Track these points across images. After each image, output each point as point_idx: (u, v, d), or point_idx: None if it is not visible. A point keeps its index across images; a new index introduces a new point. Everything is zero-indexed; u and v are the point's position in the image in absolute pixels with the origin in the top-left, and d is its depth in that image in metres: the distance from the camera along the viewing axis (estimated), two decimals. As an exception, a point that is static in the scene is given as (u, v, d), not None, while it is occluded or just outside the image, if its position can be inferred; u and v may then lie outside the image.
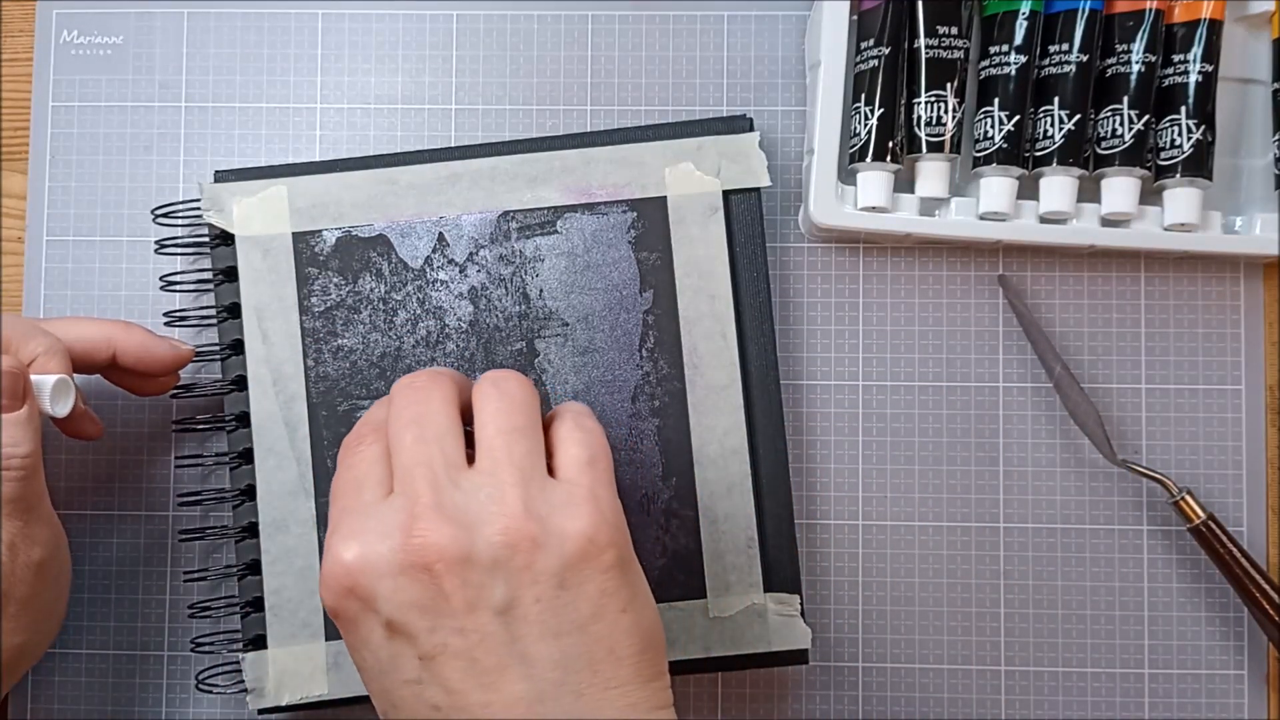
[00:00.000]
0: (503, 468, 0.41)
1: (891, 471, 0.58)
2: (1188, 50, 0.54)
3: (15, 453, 0.46)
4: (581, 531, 0.40)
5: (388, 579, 0.39)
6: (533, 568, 0.39)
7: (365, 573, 0.39)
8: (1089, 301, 0.58)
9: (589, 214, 0.55)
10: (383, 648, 0.40)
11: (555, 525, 0.40)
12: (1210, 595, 0.57)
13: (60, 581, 0.51)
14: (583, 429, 0.43)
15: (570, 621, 0.39)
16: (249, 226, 0.55)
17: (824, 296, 0.58)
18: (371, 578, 0.39)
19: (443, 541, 0.39)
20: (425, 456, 0.41)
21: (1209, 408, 0.58)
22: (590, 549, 0.40)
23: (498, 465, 0.41)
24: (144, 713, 0.57)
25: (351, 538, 0.40)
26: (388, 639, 0.40)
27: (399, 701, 0.40)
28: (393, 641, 0.40)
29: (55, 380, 0.48)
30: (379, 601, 0.39)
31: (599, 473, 0.42)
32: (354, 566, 0.39)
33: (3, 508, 0.46)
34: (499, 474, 0.40)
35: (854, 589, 0.57)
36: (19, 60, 0.60)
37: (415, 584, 0.39)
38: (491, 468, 0.41)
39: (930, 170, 0.55)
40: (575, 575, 0.40)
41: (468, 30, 0.59)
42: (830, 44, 0.55)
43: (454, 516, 0.39)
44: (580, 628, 0.39)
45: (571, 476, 0.42)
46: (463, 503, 0.40)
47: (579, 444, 0.43)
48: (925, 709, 0.57)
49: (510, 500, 0.40)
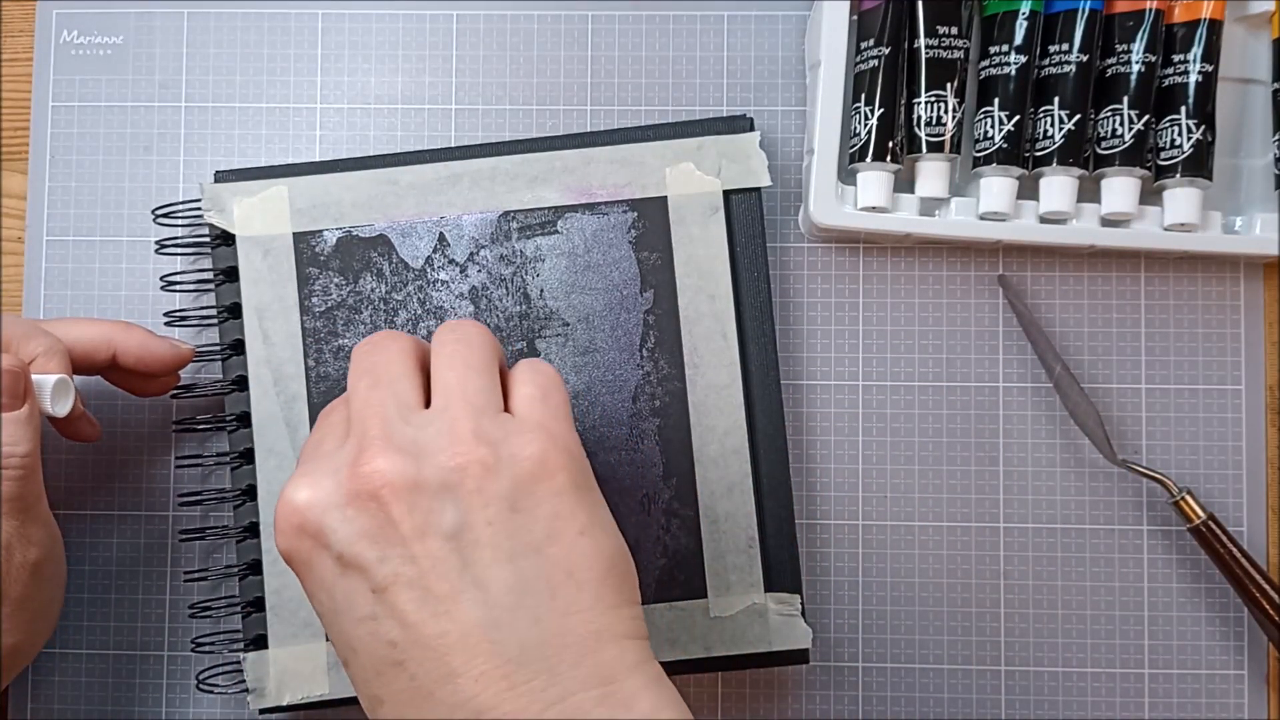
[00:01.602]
0: (455, 402, 0.40)
1: (891, 471, 0.58)
2: (1188, 50, 0.54)
3: (14, 452, 0.46)
4: (532, 455, 0.39)
5: (335, 510, 0.39)
6: (483, 490, 0.39)
7: (313, 508, 0.39)
8: (1089, 301, 0.58)
9: (589, 214, 0.55)
10: (337, 585, 0.39)
11: (506, 450, 0.39)
12: (1210, 595, 0.57)
13: (55, 583, 0.51)
14: (536, 370, 0.43)
15: (524, 544, 0.39)
16: (250, 227, 0.55)
17: (824, 296, 0.58)
18: (318, 512, 0.39)
19: (389, 468, 0.38)
20: (377, 400, 0.41)
21: (1209, 408, 0.58)
22: (541, 471, 0.39)
23: (451, 400, 0.40)
24: (144, 713, 0.57)
25: (301, 479, 0.40)
26: (341, 575, 0.39)
27: (356, 643, 0.39)
28: (346, 577, 0.39)
29: (56, 380, 0.48)
30: (329, 535, 0.39)
31: (551, 407, 0.42)
32: (302, 504, 0.39)
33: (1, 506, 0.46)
34: (451, 408, 0.40)
35: (854, 589, 0.57)
36: (19, 60, 0.60)
37: (363, 513, 0.39)
38: (445, 404, 0.40)
39: (930, 170, 0.55)
40: (527, 497, 0.39)
41: (468, 30, 0.59)
42: (830, 44, 0.55)
43: (402, 447, 0.39)
44: (535, 550, 0.39)
45: (524, 412, 0.41)
46: (413, 435, 0.39)
47: (530, 383, 0.42)
48: (925, 709, 0.57)
49: (461, 429, 0.39)
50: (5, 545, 0.47)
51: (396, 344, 0.43)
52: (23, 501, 0.47)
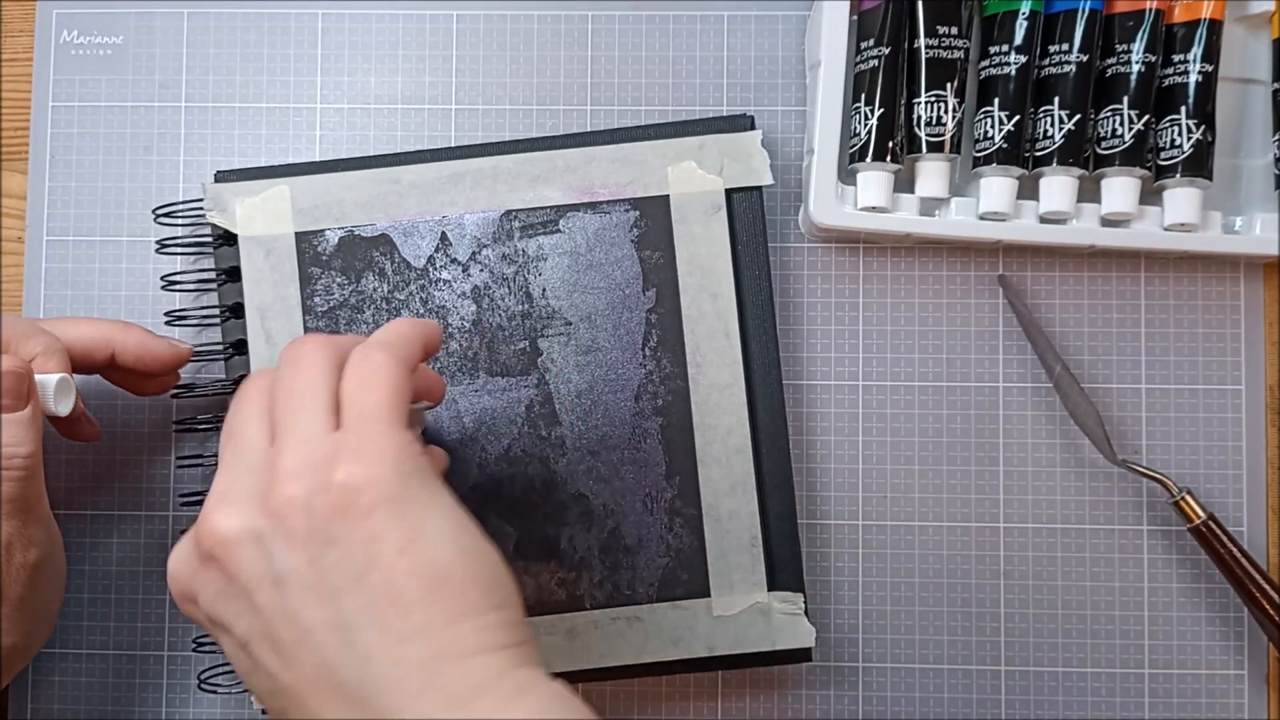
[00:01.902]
0: (283, 437, 0.39)
1: (891, 471, 0.58)
2: (1188, 50, 0.54)
3: (17, 452, 0.47)
4: (338, 480, 0.37)
5: (195, 576, 0.40)
6: (297, 532, 0.37)
7: (180, 576, 0.40)
8: (1089, 301, 0.58)
9: (591, 213, 0.55)
10: (222, 642, 0.40)
11: (314, 481, 0.37)
12: (1210, 595, 0.57)
13: (54, 584, 0.51)
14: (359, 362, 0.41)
15: (345, 578, 0.37)
16: (252, 226, 0.55)
17: (824, 296, 0.58)
18: (185, 579, 0.40)
19: (217, 525, 0.38)
20: (228, 452, 0.40)
21: (1209, 408, 0.58)
22: (345, 495, 0.37)
23: (280, 434, 0.39)
24: (144, 713, 0.57)
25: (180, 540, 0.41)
26: (219, 635, 0.40)
27: (256, 692, 0.40)
28: (221, 637, 0.40)
29: (58, 379, 0.48)
30: (199, 600, 0.40)
31: (366, 408, 0.39)
32: (173, 573, 0.41)
33: (2, 507, 0.46)
34: (280, 443, 0.39)
35: (854, 589, 0.57)
36: (19, 60, 0.60)
37: (211, 573, 0.39)
38: (280, 440, 0.39)
39: (930, 170, 0.55)
40: (340, 528, 0.37)
41: (468, 30, 0.59)
42: (830, 44, 0.55)
43: (232, 499, 0.39)
44: (356, 581, 0.37)
45: (344, 420, 0.39)
46: (245, 484, 0.39)
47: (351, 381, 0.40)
48: (925, 709, 0.57)
49: (281, 469, 0.38)
50: (5, 546, 0.47)
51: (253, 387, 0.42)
52: (24, 502, 0.47)
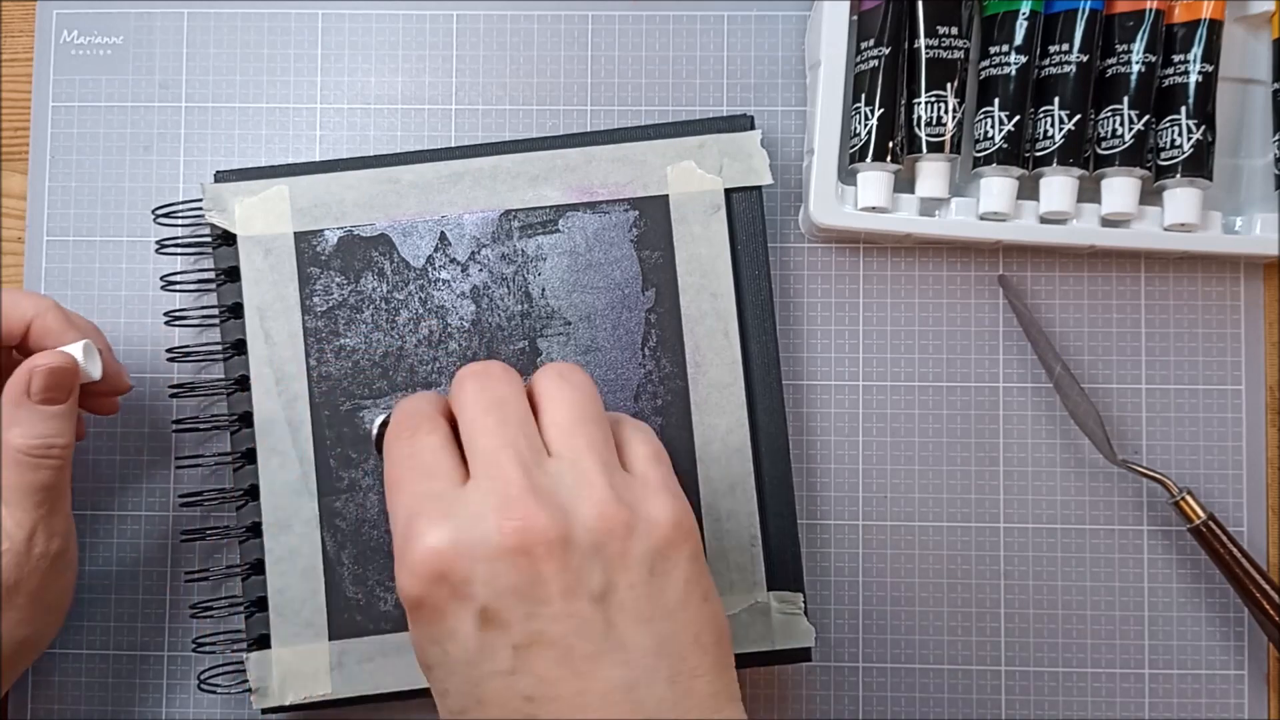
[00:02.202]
0: (584, 455, 0.40)
1: (891, 471, 0.58)
2: (1188, 50, 0.54)
3: (56, 443, 0.48)
4: (669, 519, 0.40)
5: (484, 563, 0.38)
6: (627, 554, 0.39)
7: (461, 557, 0.38)
8: (1089, 301, 0.58)
9: (591, 213, 0.55)
10: (472, 637, 0.38)
11: (644, 512, 0.40)
12: (1210, 595, 0.57)
13: (68, 576, 0.52)
14: (641, 429, 0.44)
15: (661, 608, 0.39)
16: (251, 226, 0.55)
17: (824, 296, 0.58)
18: (467, 562, 0.38)
19: (542, 524, 0.38)
20: (510, 439, 0.40)
21: (1209, 408, 0.58)
22: (676, 536, 0.40)
23: (579, 453, 0.40)
24: (144, 713, 0.57)
25: (441, 521, 0.39)
26: (479, 628, 0.38)
27: (487, 695, 0.39)
28: (485, 630, 0.38)
29: (84, 345, 0.50)
30: (474, 587, 0.38)
31: (666, 469, 0.42)
32: (446, 551, 0.38)
33: (33, 495, 0.48)
34: (581, 461, 0.40)
35: (854, 589, 0.57)
36: (19, 60, 0.60)
37: (514, 568, 0.38)
38: (573, 455, 0.40)
39: (930, 170, 0.55)
40: (664, 562, 0.40)
41: (468, 30, 0.59)
42: (830, 44, 0.55)
43: (549, 500, 0.39)
44: (669, 615, 0.39)
45: (642, 470, 0.42)
46: (551, 487, 0.39)
47: (643, 441, 0.43)
48: (925, 709, 0.57)
49: (599, 486, 0.39)
50: (29, 535, 0.48)
51: (515, 381, 0.42)
52: (56, 491, 0.49)
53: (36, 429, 0.48)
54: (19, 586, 0.48)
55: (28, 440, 0.48)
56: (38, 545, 0.48)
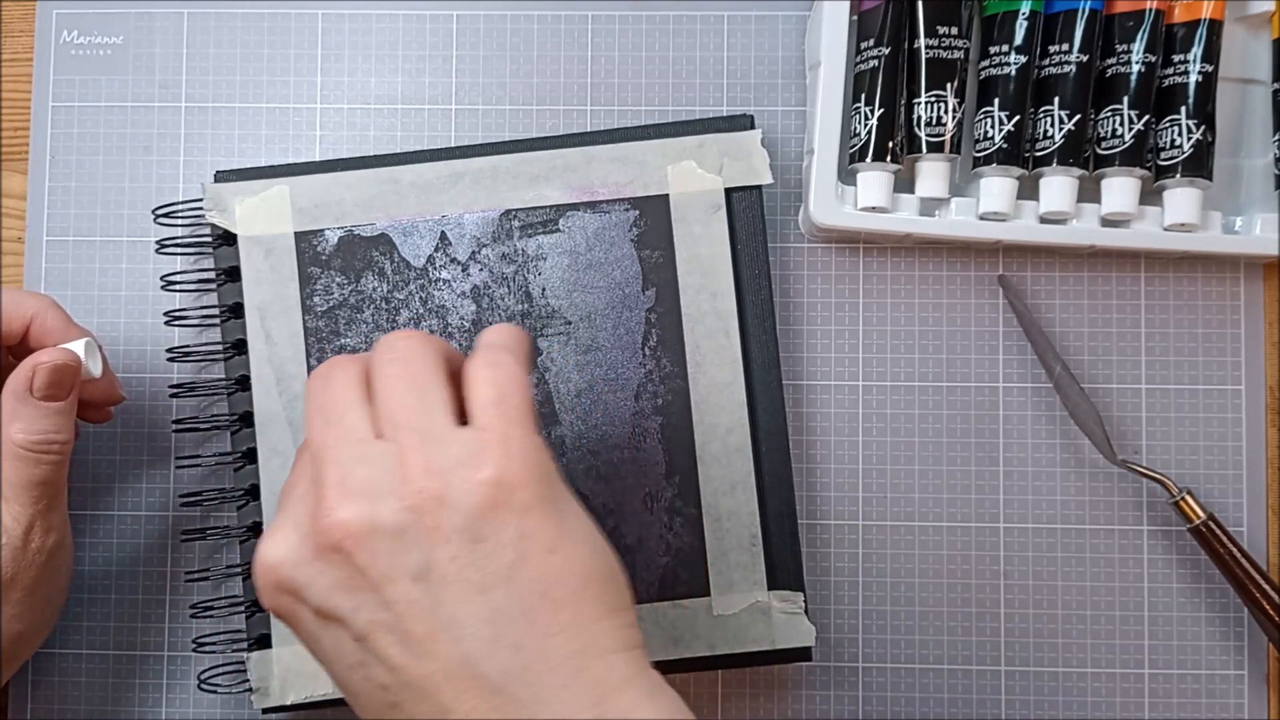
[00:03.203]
0: (401, 433, 0.39)
1: (891, 471, 0.58)
2: (1188, 50, 0.54)
3: (56, 439, 0.49)
4: (488, 478, 0.38)
5: (304, 566, 0.39)
6: (439, 527, 0.38)
7: (284, 565, 0.39)
8: (1089, 301, 0.58)
9: (591, 212, 0.55)
10: (323, 637, 0.40)
11: (459, 478, 0.38)
12: (1210, 595, 0.57)
13: (63, 571, 0.52)
14: (491, 365, 0.41)
15: (493, 573, 0.38)
16: (251, 226, 0.55)
17: (824, 296, 0.58)
18: (290, 569, 0.39)
19: (346, 517, 0.38)
20: (331, 440, 0.40)
21: (1209, 408, 0.58)
22: (498, 494, 0.38)
23: (397, 431, 0.40)
24: (144, 713, 0.57)
25: (270, 535, 0.40)
26: (323, 626, 0.39)
27: (353, 688, 0.40)
28: (328, 628, 0.39)
29: (85, 343, 0.50)
30: (304, 590, 0.39)
31: (508, 410, 0.40)
32: (274, 563, 0.39)
33: (32, 490, 0.49)
34: (399, 439, 0.39)
35: (854, 589, 0.57)
36: (19, 60, 0.60)
37: (330, 565, 0.38)
38: (392, 434, 0.40)
39: (930, 170, 0.55)
40: (489, 525, 0.38)
41: (468, 30, 0.59)
42: (830, 44, 0.55)
43: (357, 491, 0.38)
44: (505, 577, 0.38)
45: (479, 421, 0.40)
46: (365, 476, 0.39)
47: (486, 382, 0.41)
48: (925, 709, 0.57)
49: (410, 464, 0.39)
50: (27, 530, 0.49)
51: (341, 373, 0.42)
52: (54, 487, 0.49)
53: (37, 425, 0.48)
54: (16, 581, 0.49)
55: (28, 435, 0.48)
56: (35, 540, 0.49)
